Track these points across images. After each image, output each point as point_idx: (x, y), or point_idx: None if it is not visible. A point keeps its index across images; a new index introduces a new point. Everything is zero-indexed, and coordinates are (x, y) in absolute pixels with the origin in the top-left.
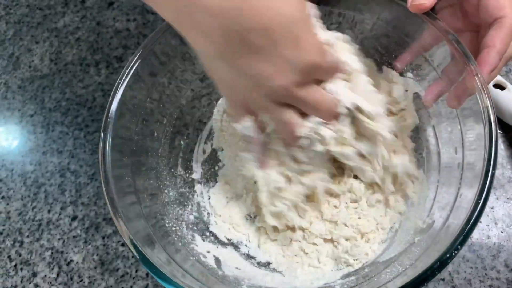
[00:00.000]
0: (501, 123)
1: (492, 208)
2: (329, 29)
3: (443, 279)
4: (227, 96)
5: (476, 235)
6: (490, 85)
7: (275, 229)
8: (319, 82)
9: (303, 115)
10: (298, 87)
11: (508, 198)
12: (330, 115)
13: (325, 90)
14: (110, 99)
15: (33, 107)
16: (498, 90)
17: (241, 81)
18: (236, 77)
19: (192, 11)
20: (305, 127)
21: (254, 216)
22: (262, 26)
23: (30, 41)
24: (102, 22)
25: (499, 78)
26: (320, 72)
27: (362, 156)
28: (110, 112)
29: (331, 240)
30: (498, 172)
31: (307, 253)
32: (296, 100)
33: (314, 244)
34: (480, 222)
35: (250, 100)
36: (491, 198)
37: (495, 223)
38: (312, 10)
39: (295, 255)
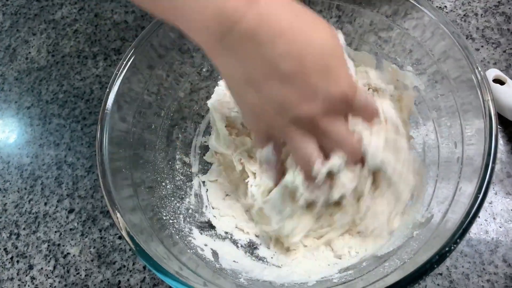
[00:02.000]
0: (500, 118)
1: (490, 203)
2: (328, 22)
3: (441, 274)
4: (252, 122)
5: (474, 230)
6: (490, 80)
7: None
8: (347, 118)
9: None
10: (323, 118)
11: (506, 193)
12: (353, 154)
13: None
14: (107, 91)
15: (30, 99)
16: (498, 85)
17: (267, 107)
18: (262, 103)
19: (226, 35)
20: (323, 166)
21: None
22: (295, 53)
23: (27, 33)
24: (100, 14)
25: (498, 73)
26: (349, 107)
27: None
28: (107, 105)
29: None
30: (497, 167)
31: (305, 246)
32: (320, 131)
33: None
34: (479, 217)
35: (274, 126)
36: (490, 193)
37: (494, 218)
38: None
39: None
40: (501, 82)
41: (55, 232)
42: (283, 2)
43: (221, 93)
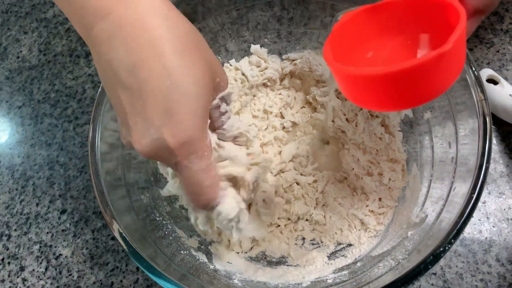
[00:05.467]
0: (494, 118)
1: (484, 203)
2: (322, 21)
3: (435, 274)
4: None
5: (468, 229)
6: (483, 80)
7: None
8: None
9: None
10: (151, 158)
11: (500, 193)
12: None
13: None
14: (100, 90)
15: (21, 98)
16: (491, 85)
17: (116, 109)
18: (114, 104)
19: (91, 30)
20: None
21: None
22: (143, 76)
23: (18, 31)
24: None
25: (492, 73)
26: (177, 158)
27: None
28: (99, 104)
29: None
30: (490, 167)
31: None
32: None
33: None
34: (472, 216)
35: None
36: (483, 192)
37: (487, 218)
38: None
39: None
40: (495, 82)
41: (47, 233)
42: (165, 16)
43: None
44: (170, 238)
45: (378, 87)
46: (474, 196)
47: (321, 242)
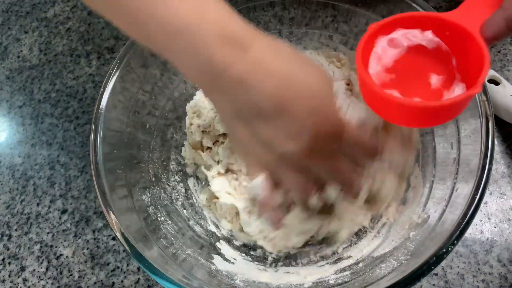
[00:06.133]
0: (495, 119)
1: (485, 203)
2: (324, 21)
3: (436, 274)
4: (242, 155)
5: (469, 230)
6: (485, 80)
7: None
8: (340, 154)
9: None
10: (311, 154)
11: (501, 193)
12: (348, 187)
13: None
14: (102, 90)
15: (21, 98)
16: (493, 85)
17: (255, 142)
18: (251, 138)
19: (215, 81)
20: (315, 197)
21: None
22: (280, 96)
23: (19, 31)
24: (93, 12)
25: (493, 73)
26: (339, 143)
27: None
28: (101, 104)
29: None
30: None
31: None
32: (311, 165)
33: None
34: None
35: (263, 160)
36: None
37: (488, 218)
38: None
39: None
40: (496, 83)
41: (48, 233)
42: (274, 49)
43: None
44: (172, 238)
45: (404, 110)
46: (477, 197)
47: None
